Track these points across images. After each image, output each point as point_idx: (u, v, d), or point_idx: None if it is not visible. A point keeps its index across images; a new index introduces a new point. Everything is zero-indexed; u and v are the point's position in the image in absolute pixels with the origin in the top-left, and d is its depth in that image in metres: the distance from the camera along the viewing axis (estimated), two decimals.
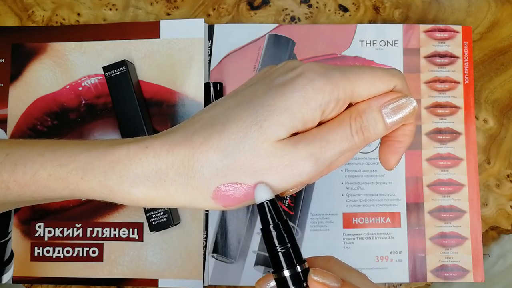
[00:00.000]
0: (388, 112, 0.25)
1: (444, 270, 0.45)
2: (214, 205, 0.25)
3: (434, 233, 0.45)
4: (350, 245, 0.45)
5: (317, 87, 0.24)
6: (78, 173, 0.26)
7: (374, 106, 0.25)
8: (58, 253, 0.45)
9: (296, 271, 0.24)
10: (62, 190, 0.27)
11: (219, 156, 0.24)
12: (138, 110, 0.43)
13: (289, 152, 0.24)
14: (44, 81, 0.46)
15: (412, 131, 0.27)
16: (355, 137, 0.25)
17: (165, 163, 0.25)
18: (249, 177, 0.24)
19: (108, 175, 0.25)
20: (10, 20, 0.48)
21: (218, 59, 0.46)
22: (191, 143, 0.24)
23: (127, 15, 0.48)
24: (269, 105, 0.24)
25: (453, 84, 0.46)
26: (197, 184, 0.24)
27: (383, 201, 0.45)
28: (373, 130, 0.25)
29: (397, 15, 0.48)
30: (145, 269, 0.44)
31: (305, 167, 0.24)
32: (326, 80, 0.24)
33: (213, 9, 0.48)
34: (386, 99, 0.25)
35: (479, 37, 0.48)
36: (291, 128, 0.24)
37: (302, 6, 0.48)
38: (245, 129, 0.24)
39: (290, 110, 0.24)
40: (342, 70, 0.25)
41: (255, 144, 0.24)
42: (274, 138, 0.24)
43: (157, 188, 0.25)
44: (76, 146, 0.27)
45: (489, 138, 0.47)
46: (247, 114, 0.24)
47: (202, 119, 0.26)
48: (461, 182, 0.45)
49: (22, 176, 0.26)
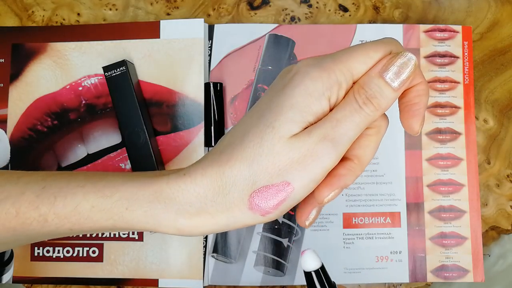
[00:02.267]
0: (392, 76, 0.25)
1: (444, 270, 0.45)
2: (253, 216, 0.26)
3: (434, 233, 0.45)
4: (350, 245, 0.45)
5: (314, 77, 0.25)
6: (123, 203, 0.26)
7: (373, 74, 0.25)
8: (58, 253, 0.45)
9: None
10: (105, 221, 0.27)
11: (244, 165, 0.25)
12: (138, 110, 0.43)
13: (304, 141, 0.24)
14: (44, 81, 0.46)
15: (425, 90, 0.26)
16: (365, 108, 0.25)
17: (202, 186, 0.26)
18: (275, 177, 0.25)
19: (153, 205, 0.26)
20: (10, 20, 0.48)
21: (218, 59, 0.46)
22: (219, 162, 0.26)
23: (127, 15, 0.48)
24: (276, 106, 0.25)
25: (453, 84, 0.46)
26: (233, 199, 0.25)
27: (383, 201, 0.45)
28: (381, 96, 0.25)
29: (397, 15, 0.48)
30: (145, 269, 0.44)
31: (323, 150, 0.24)
32: (320, 68, 0.25)
33: (213, 9, 0.48)
34: (382, 63, 0.25)
35: (479, 37, 0.48)
36: (302, 122, 0.25)
37: (302, 6, 0.48)
38: (260, 133, 0.25)
39: (296, 105, 0.25)
40: (333, 55, 0.25)
41: (272, 145, 0.25)
42: (288, 134, 0.25)
43: (200, 213, 0.26)
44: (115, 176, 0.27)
45: (489, 138, 0.47)
46: (259, 121, 0.26)
47: (225, 140, 0.27)
48: (461, 182, 0.45)
49: (63, 209, 0.27)
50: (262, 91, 0.46)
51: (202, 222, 0.26)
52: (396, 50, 0.26)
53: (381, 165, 0.46)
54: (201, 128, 0.45)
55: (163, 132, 0.45)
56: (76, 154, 0.45)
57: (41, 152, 0.45)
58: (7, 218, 0.27)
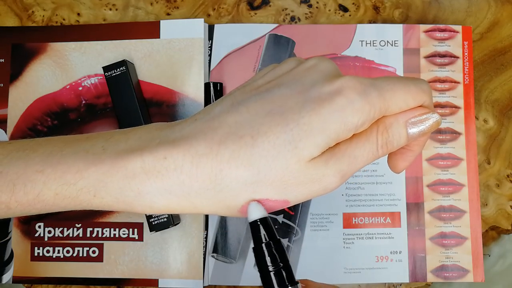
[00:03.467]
0: (415, 131, 0.25)
1: (444, 270, 0.45)
2: (240, 215, 0.25)
3: (434, 233, 0.45)
4: (350, 245, 0.45)
5: (356, 109, 0.23)
6: (90, 191, 0.24)
7: (401, 121, 0.25)
8: (58, 253, 0.45)
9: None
10: (74, 207, 0.25)
11: (250, 173, 0.23)
12: (138, 110, 0.43)
13: (320, 169, 0.24)
14: (44, 81, 0.46)
15: (425, 142, 0.27)
16: (380, 151, 0.25)
17: (188, 176, 0.23)
18: (278, 193, 0.24)
19: (125, 192, 0.24)
20: (10, 20, 0.48)
21: (218, 59, 0.46)
22: (217, 156, 0.23)
23: (127, 15, 0.48)
24: (304, 124, 0.23)
25: (453, 84, 0.46)
26: (224, 198, 0.24)
27: (383, 201, 0.45)
28: (397, 143, 0.25)
29: (397, 15, 0.48)
30: (145, 269, 0.44)
31: (332, 182, 0.24)
32: (365, 101, 0.23)
33: (213, 9, 0.48)
34: (414, 114, 0.25)
35: (479, 37, 0.48)
36: (325, 147, 0.24)
37: (302, 6, 0.48)
38: (278, 147, 0.23)
39: (327, 131, 0.23)
40: (379, 87, 0.24)
41: (288, 164, 0.23)
42: (308, 158, 0.23)
43: (180, 200, 0.24)
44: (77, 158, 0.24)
45: (489, 138, 0.47)
46: (280, 130, 0.23)
47: (226, 124, 0.24)
48: (461, 182, 0.45)
49: (24, 197, 0.25)
50: None
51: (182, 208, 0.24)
52: (428, 102, 0.25)
53: (381, 165, 0.46)
54: None
55: None
56: None
57: None
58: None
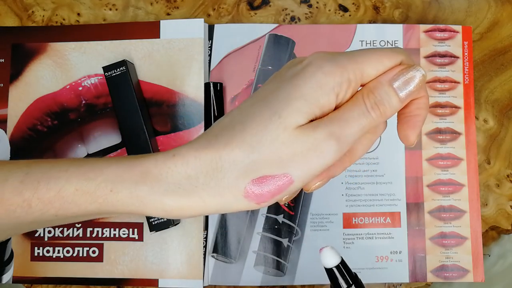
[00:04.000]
0: (400, 85, 0.25)
1: (444, 270, 0.45)
2: (248, 203, 0.25)
3: (434, 233, 0.45)
4: (350, 245, 0.45)
5: (327, 72, 0.25)
6: (107, 185, 0.26)
7: (384, 81, 0.25)
8: (58, 253, 0.45)
9: None
10: (89, 205, 0.26)
11: (245, 152, 0.24)
12: (138, 110, 0.43)
13: (310, 135, 0.24)
14: (44, 81, 0.46)
15: (426, 104, 0.27)
16: (372, 113, 0.25)
17: (193, 168, 0.25)
18: (276, 168, 0.25)
19: (139, 186, 0.25)
20: (10, 20, 0.48)
21: (218, 59, 0.46)
22: (215, 145, 0.25)
23: (127, 15, 0.48)
24: (284, 97, 0.25)
25: (453, 84, 0.46)
26: (227, 185, 0.25)
27: (383, 201, 0.45)
28: (388, 104, 0.25)
29: (397, 15, 0.48)
30: (145, 269, 0.44)
31: (327, 147, 0.24)
32: (335, 64, 0.25)
33: (213, 9, 0.48)
34: (394, 72, 0.25)
35: (479, 37, 0.48)
36: (308, 114, 0.25)
37: (302, 6, 0.48)
38: (264, 121, 0.25)
39: (305, 96, 0.24)
40: (348, 54, 0.25)
41: (276, 134, 0.24)
42: (294, 125, 0.24)
43: (190, 195, 0.25)
44: (100, 160, 0.27)
45: (489, 138, 0.47)
46: (264, 108, 0.25)
47: (222, 123, 0.26)
48: (461, 182, 0.45)
49: (46, 193, 0.26)
50: None
51: (190, 205, 0.25)
52: (406, 61, 0.26)
53: (381, 165, 0.46)
54: (201, 128, 0.45)
55: (163, 132, 0.45)
56: (76, 154, 0.45)
57: (41, 152, 0.45)
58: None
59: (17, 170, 0.27)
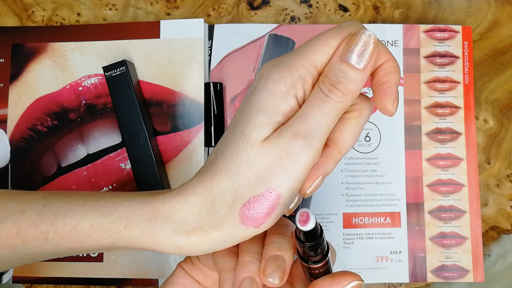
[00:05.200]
0: (354, 57, 0.24)
1: (444, 270, 0.44)
2: (248, 229, 0.25)
3: (434, 233, 0.45)
4: (350, 245, 0.45)
5: (276, 78, 0.24)
6: (122, 222, 0.26)
7: (334, 60, 0.24)
8: None
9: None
10: (104, 240, 0.27)
11: (227, 180, 0.25)
12: (138, 110, 0.43)
13: (277, 143, 0.24)
14: (44, 81, 0.46)
15: (393, 67, 0.25)
16: (332, 96, 0.24)
17: (194, 204, 0.26)
18: (259, 187, 0.24)
19: (151, 224, 0.26)
20: (10, 20, 0.48)
21: (218, 59, 0.46)
22: (205, 179, 0.26)
23: (127, 15, 0.48)
24: (245, 115, 0.25)
25: (453, 84, 0.46)
26: (224, 215, 0.25)
27: (383, 201, 0.45)
28: (347, 80, 0.24)
29: (397, 15, 0.48)
30: (145, 269, 0.44)
31: (296, 147, 0.24)
32: (282, 67, 0.24)
33: (213, 9, 0.48)
34: (341, 47, 0.24)
35: (479, 37, 0.48)
36: (271, 124, 0.24)
37: (302, 6, 0.48)
38: (235, 145, 0.25)
39: (263, 108, 0.24)
40: (295, 51, 0.25)
41: (247, 153, 0.24)
42: (259, 139, 0.24)
43: (196, 231, 0.26)
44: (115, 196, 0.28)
45: (489, 138, 0.47)
46: (234, 132, 0.25)
47: (210, 157, 0.27)
48: (461, 182, 0.45)
49: (63, 227, 0.27)
50: None
51: (199, 240, 0.26)
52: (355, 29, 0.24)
53: (381, 165, 0.46)
54: (201, 128, 0.45)
55: (163, 132, 0.45)
56: (76, 154, 0.45)
57: (41, 152, 0.45)
58: (8, 236, 0.27)
59: (35, 202, 0.28)
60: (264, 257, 0.26)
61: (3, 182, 0.45)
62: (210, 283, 0.31)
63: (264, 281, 0.25)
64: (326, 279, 0.26)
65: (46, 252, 0.28)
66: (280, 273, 0.25)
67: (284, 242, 0.27)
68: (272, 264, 0.26)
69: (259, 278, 0.26)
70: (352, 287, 0.25)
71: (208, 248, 0.26)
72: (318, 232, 0.24)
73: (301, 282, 0.29)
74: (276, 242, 0.27)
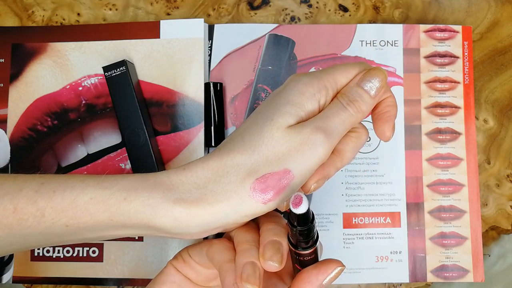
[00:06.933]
0: (369, 86, 0.30)
1: (444, 270, 0.44)
2: (254, 204, 0.27)
3: (434, 233, 0.45)
4: (350, 245, 0.45)
5: (305, 82, 0.29)
6: (122, 194, 0.27)
7: (352, 84, 0.30)
8: (58, 253, 0.45)
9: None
10: (102, 214, 0.27)
11: (246, 155, 0.27)
12: (138, 110, 0.43)
13: (300, 131, 0.27)
14: (44, 81, 0.46)
15: (393, 102, 0.32)
16: (349, 108, 0.29)
17: (201, 178, 0.27)
18: (275, 165, 0.27)
19: (152, 194, 0.27)
20: (10, 20, 0.48)
21: (218, 59, 0.46)
22: (219, 155, 0.28)
23: (127, 15, 0.48)
24: (273, 106, 0.29)
25: (453, 84, 0.46)
26: (233, 187, 0.27)
27: (383, 201, 0.45)
28: (361, 99, 0.29)
29: (397, 15, 0.48)
30: (145, 269, 0.44)
31: (317, 139, 0.27)
32: (311, 76, 0.29)
33: (213, 9, 0.48)
34: (359, 76, 0.30)
35: (479, 37, 0.48)
36: (296, 116, 0.28)
37: (302, 6, 0.48)
38: (260, 127, 0.28)
39: (292, 102, 0.28)
40: (322, 70, 0.30)
41: (271, 134, 0.27)
42: (285, 125, 0.28)
43: (198, 202, 0.27)
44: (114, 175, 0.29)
45: (489, 138, 0.47)
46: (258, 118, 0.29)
47: (224, 141, 0.30)
48: (461, 182, 0.45)
49: (61, 201, 0.27)
50: (262, 91, 0.46)
51: (200, 212, 0.27)
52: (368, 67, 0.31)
53: (381, 165, 0.46)
54: (201, 128, 0.45)
55: (163, 132, 0.45)
56: (76, 154, 0.45)
57: (41, 152, 0.45)
58: (4, 214, 0.27)
59: (32, 180, 0.28)
60: (262, 243, 0.27)
61: None
62: (201, 280, 0.31)
63: (264, 265, 0.26)
64: (311, 269, 0.27)
65: (41, 232, 0.28)
66: (279, 257, 0.26)
67: (280, 229, 0.29)
68: (271, 248, 0.27)
69: (259, 263, 0.26)
70: (336, 273, 0.27)
71: (207, 222, 0.27)
72: (310, 218, 0.25)
73: (289, 275, 0.31)
74: (273, 229, 0.28)
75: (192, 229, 0.27)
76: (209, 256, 0.29)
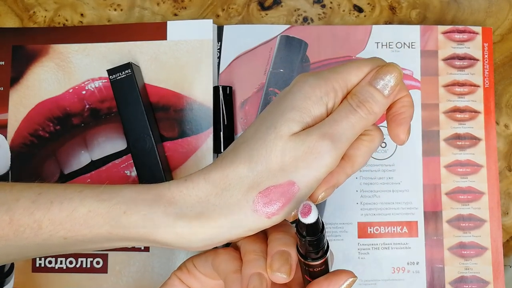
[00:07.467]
0: (382, 84, 0.27)
1: (463, 282, 0.44)
2: (258, 218, 0.26)
3: (453, 243, 0.44)
4: (365, 255, 0.44)
5: (312, 84, 0.27)
6: (121, 207, 0.27)
7: (363, 83, 0.28)
8: (61, 264, 0.44)
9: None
10: (100, 227, 0.27)
11: (249, 167, 0.26)
12: (144, 115, 0.42)
13: (305, 139, 0.26)
14: (46, 84, 0.45)
15: (409, 102, 0.29)
16: (359, 110, 0.27)
17: (203, 191, 0.27)
18: (279, 177, 0.26)
19: (153, 209, 0.26)
20: (10, 21, 0.47)
21: (227, 62, 0.46)
22: (221, 166, 0.27)
23: (133, 16, 0.47)
24: (277, 111, 0.27)
25: (473, 87, 0.46)
26: (236, 201, 0.26)
27: (400, 210, 0.45)
28: (373, 100, 0.27)
29: (414, 15, 0.47)
30: (151, 281, 0.43)
31: (323, 146, 0.26)
32: (318, 77, 0.28)
33: (222, 10, 0.47)
34: (372, 74, 0.28)
35: (500, 39, 0.47)
36: (301, 122, 0.27)
37: (315, 6, 0.47)
38: (263, 135, 0.27)
39: (296, 107, 0.27)
40: (331, 68, 0.29)
41: (274, 144, 0.26)
42: (289, 133, 0.26)
43: (200, 217, 0.26)
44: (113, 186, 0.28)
45: (510, 144, 0.46)
46: (262, 125, 0.27)
47: (227, 149, 0.29)
48: (481, 190, 0.45)
49: (58, 214, 0.27)
50: (273, 94, 0.45)
51: (202, 227, 0.26)
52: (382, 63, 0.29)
53: (397, 172, 0.45)
54: (210, 134, 0.44)
55: (170, 138, 0.44)
56: (79, 161, 0.45)
57: (43, 158, 0.45)
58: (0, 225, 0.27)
59: (29, 190, 0.28)
60: (270, 253, 0.26)
61: None
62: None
63: (272, 277, 0.25)
64: (322, 280, 0.26)
65: (38, 244, 0.27)
66: (287, 268, 0.25)
67: (289, 238, 0.27)
68: (279, 259, 0.26)
69: (266, 274, 0.26)
70: (348, 284, 0.26)
71: (210, 237, 0.26)
72: (319, 227, 0.25)
73: (299, 287, 0.29)
74: (281, 239, 0.27)
75: (195, 244, 0.27)
76: (215, 266, 0.28)
